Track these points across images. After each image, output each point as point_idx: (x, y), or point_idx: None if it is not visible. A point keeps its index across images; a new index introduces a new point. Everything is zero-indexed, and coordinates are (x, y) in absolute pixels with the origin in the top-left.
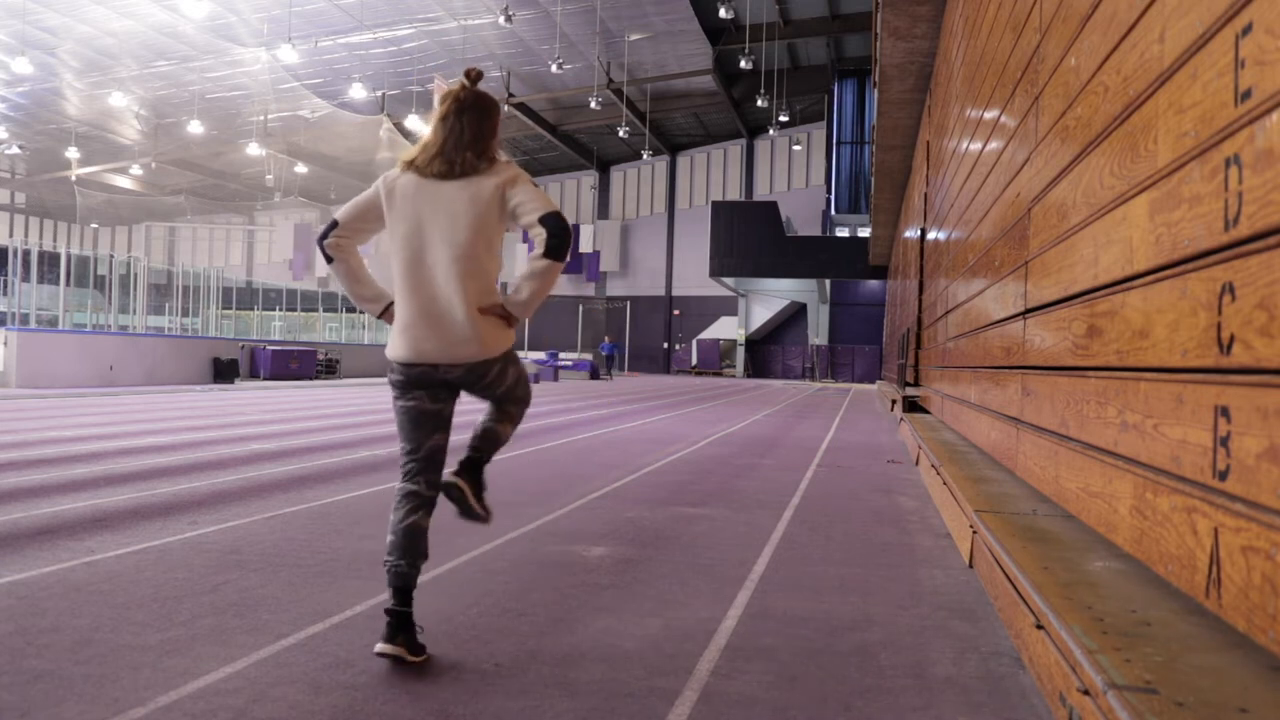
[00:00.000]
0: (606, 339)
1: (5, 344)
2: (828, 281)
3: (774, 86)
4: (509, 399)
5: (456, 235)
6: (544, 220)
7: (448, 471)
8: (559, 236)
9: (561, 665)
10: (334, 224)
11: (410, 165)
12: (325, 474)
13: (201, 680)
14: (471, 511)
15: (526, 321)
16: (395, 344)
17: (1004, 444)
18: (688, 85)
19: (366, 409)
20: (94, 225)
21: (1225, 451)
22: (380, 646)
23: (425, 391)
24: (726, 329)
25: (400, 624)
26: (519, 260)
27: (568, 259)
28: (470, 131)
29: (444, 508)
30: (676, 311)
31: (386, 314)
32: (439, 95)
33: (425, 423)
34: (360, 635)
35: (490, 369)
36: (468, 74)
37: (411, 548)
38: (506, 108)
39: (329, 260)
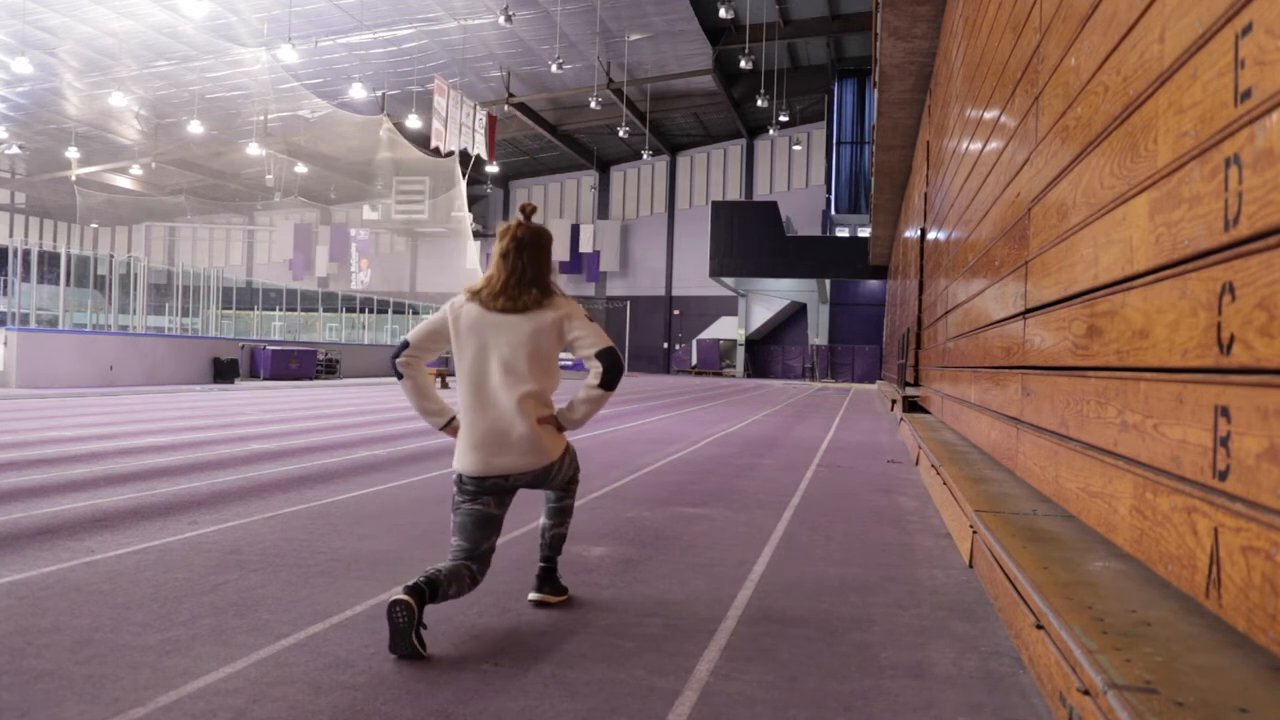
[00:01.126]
0: None
1: (5, 344)
2: (828, 281)
3: (774, 86)
4: (570, 482)
5: (518, 363)
6: (600, 356)
7: (532, 594)
8: (613, 372)
9: (561, 665)
10: (405, 344)
11: (476, 296)
12: (325, 474)
13: (201, 680)
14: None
15: None
16: (466, 459)
17: (1004, 444)
18: (688, 85)
19: (366, 409)
20: (94, 225)
21: (1225, 451)
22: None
23: (494, 498)
24: (726, 329)
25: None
26: None
27: (619, 382)
28: (531, 269)
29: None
30: (676, 311)
31: (449, 427)
32: (503, 231)
33: (487, 525)
34: (360, 635)
35: (554, 468)
36: (523, 209)
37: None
38: (506, 108)
39: (399, 377)
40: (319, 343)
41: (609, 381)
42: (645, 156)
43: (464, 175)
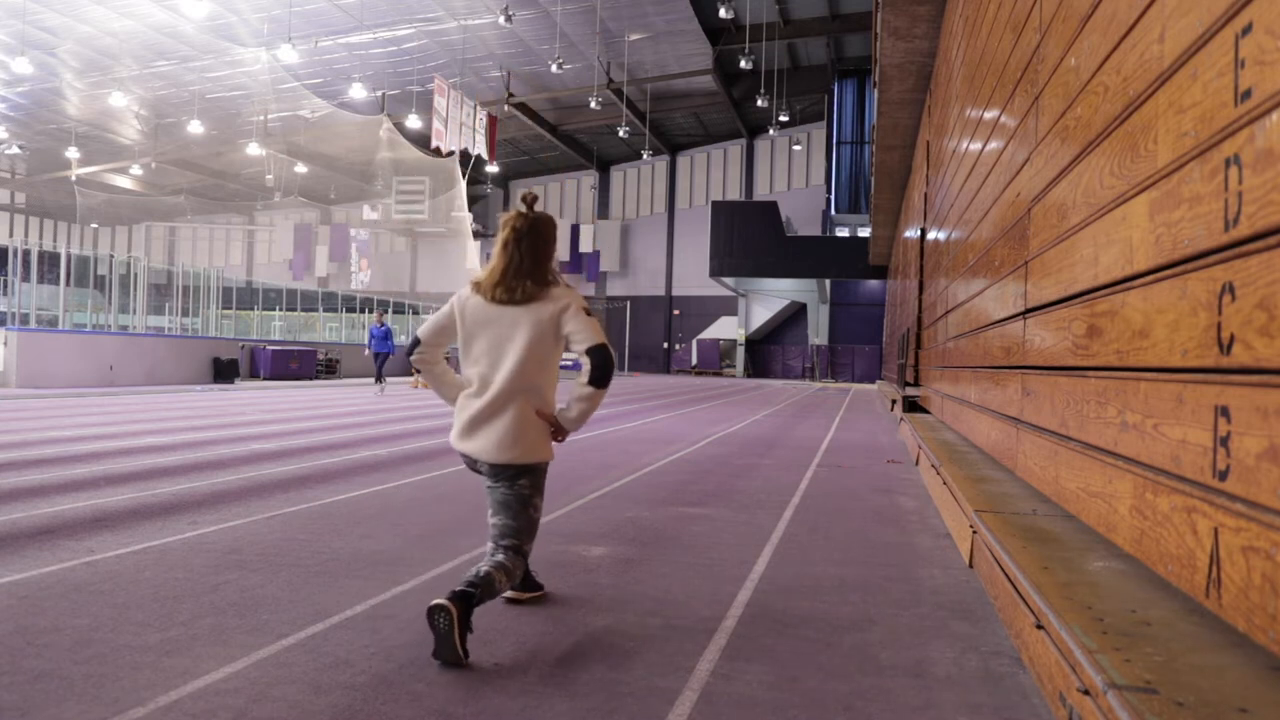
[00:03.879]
0: (377, 320)
1: (5, 344)
2: (828, 281)
3: (774, 86)
4: (526, 505)
5: (514, 355)
6: (590, 352)
7: (440, 597)
8: (602, 369)
9: (561, 665)
10: (417, 341)
11: (479, 287)
12: (325, 474)
13: (201, 680)
14: (450, 647)
15: None
16: (455, 436)
17: (1004, 444)
18: (688, 85)
19: (367, 409)
20: (94, 225)
21: (1225, 451)
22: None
23: (480, 475)
24: (726, 329)
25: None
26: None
27: (609, 381)
28: (529, 260)
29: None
30: (676, 311)
31: None
32: (510, 221)
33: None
34: (360, 635)
35: (520, 473)
36: (524, 198)
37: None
38: (506, 108)
39: (417, 371)
40: (319, 343)
41: (598, 379)
42: (645, 156)
43: (464, 175)
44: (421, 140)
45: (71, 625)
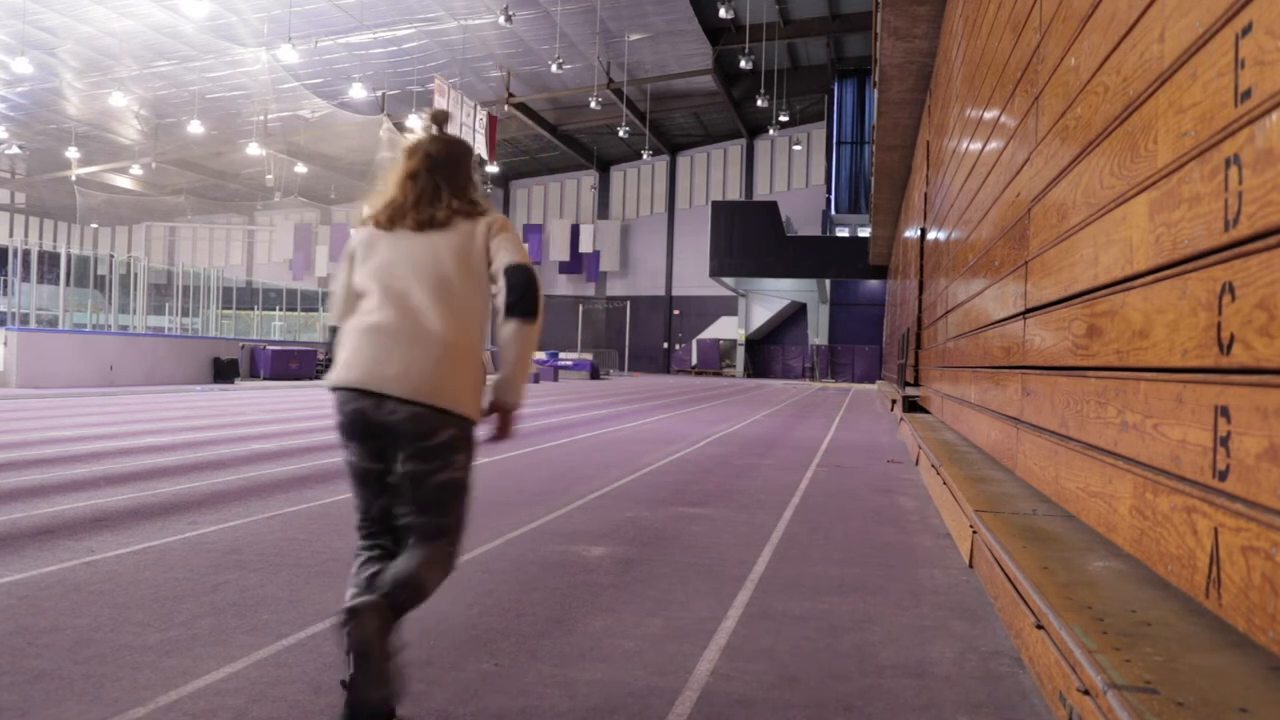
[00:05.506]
0: None
1: (5, 344)
2: (828, 281)
3: (774, 86)
4: (438, 524)
5: (434, 275)
6: (508, 271)
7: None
8: (519, 290)
9: (561, 665)
10: (334, 330)
11: (372, 220)
12: (325, 474)
13: (201, 680)
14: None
15: None
16: (339, 368)
17: (1004, 444)
18: (688, 85)
19: None
20: (94, 225)
21: (1225, 451)
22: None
23: (361, 445)
24: (726, 329)
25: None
26: None
27: (537, 313)
28: (448, 187)
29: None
30: (676, 311)
31: None
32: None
33: (365, 480)
34: None
35: (447, 429)
36: (434, 117)
37: None
38: (506, 108)
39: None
40: (319, 343)
41: (518, 303)
42: (645, 156)
43: None
44: None
45: (71, 625)
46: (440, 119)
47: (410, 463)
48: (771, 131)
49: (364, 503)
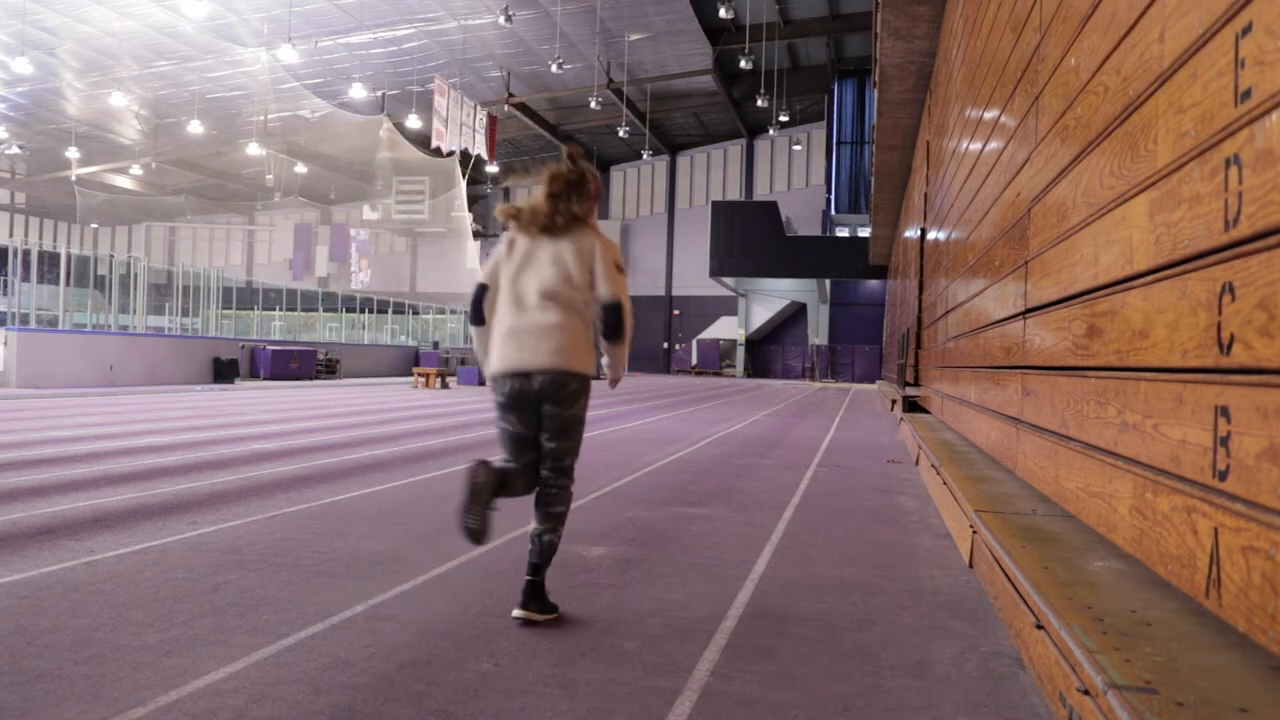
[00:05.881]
0: None
1: (5, 344)
2: (828, 281)
3: (774, 86)
4: (568, 436)
5: (557, 271)
6: (604, 307)
7: (517, 610)
8: (611, 324)
9: (561, 665)
10: (483, 287)
11: (515, 219)
12: (325, 474)
13: (201, 680)
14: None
15: None
16: (496, 359)
17: (1004, 444)
18: (688, 85)
19: (367, 409)
20: (94, 225)
21: (1225, 451)
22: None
23: (517, 414)
24: (726, 329)
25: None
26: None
27: (625, 336)
28: (579, 208)
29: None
30: (676, 311)
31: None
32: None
33: (519, 444)
34: (360, 635)
35: (571, 383)
36: (570, 155)
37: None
38: (506, 108)
39: (480, 323)
40: (319, 343)
41: (610, 333)
42: (645, 156)
43: (464, 175)
44: (421, 140)
45: (71, 625)
46: (574, 155)
47: (550, 407)
48: (771, 131)
49: (514, 458)
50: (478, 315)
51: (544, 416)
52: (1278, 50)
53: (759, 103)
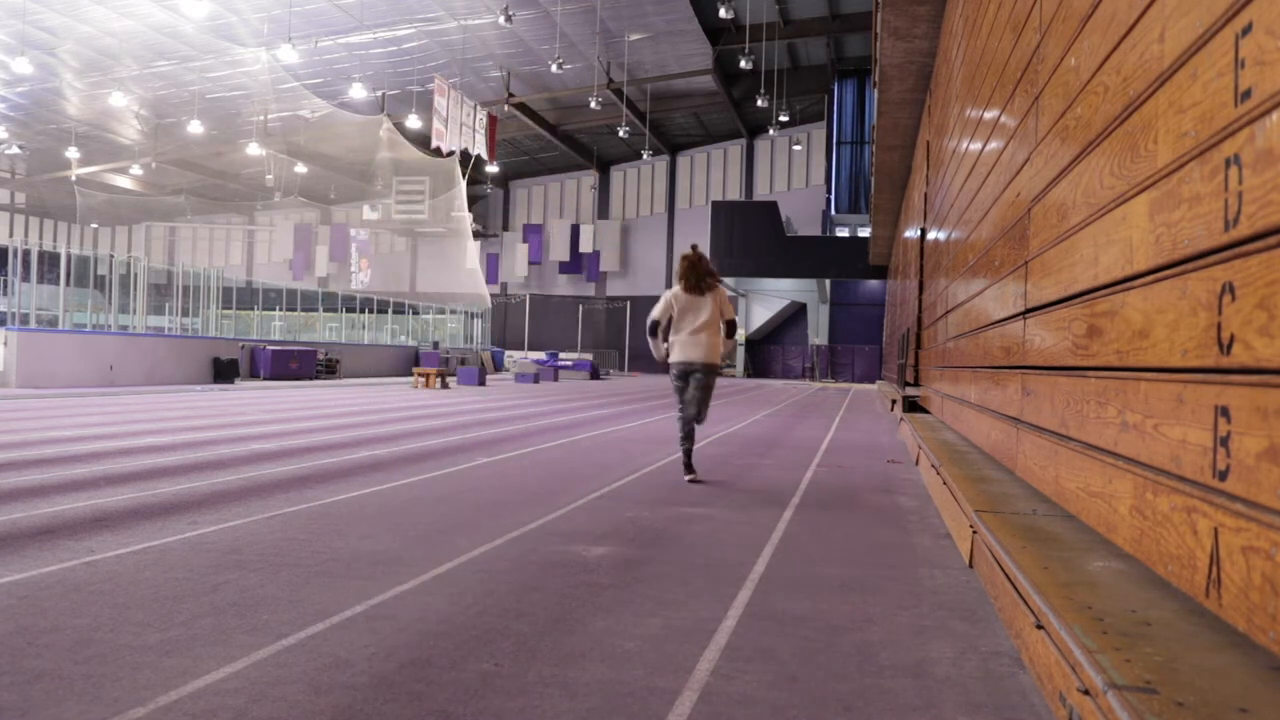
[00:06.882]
0: None
1: (5, 344)
2: (828, 281)
3: (774, 86)
4: (708, 388)
5: (707, 314)
6: (727, 322)
7: (688, 476)
8: (730, 327)
9: (561, 665)
10: (655, 323)
11: (681, 284)
12: (325, 474)
13: (201, 680)
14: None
15: (527, 323)
16: (675, 357)
17: (1004, 444)
18: (688, 85)
19: (367, 409)
20: (94, 225)
21: (1225, 451)
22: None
23: (682, 382)
24: None
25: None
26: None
27: (734, 334)
28: (709, 277)
29: (440, 510)
30: None
31: (666, 357)
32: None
33: (685, 395)
34: (360, 635)
35: (713, 369)
36: (693, 249)
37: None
38: (506, 108)
39: (654, 336)
40: (319, 343)
41: (729, 332)
42: (645, 156)
43: (464, 175)
44: (421, 140)
45: (71, 625)
46: (696, 249)
47: (702, 376)
48: (771, 131)
49: (685, 405)
50: (653, 331)
51: (695, 386)
52: (1278, 50)
53: (759, 103)
